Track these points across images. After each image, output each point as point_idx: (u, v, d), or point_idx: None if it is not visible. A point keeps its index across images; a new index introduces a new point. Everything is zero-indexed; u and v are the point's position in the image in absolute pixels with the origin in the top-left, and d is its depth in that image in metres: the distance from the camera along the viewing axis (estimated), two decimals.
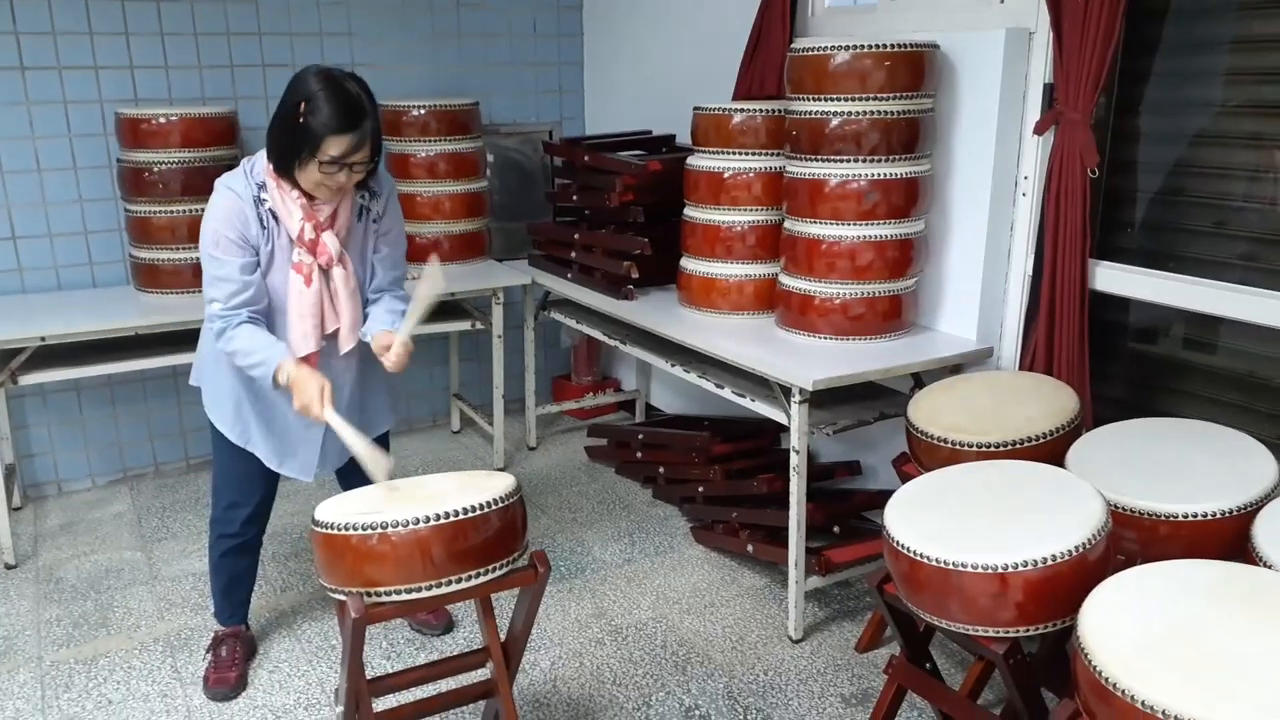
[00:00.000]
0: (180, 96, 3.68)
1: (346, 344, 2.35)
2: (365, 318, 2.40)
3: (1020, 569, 1.76)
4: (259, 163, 2.26)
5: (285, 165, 2.18)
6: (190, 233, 3.35)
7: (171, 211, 3.36)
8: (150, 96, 3.63)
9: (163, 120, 3.33)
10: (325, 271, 2.29)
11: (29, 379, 3.16)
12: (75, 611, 2.97)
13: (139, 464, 3.91)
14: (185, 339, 3.20)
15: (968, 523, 1.91)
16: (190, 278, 3.39)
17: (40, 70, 3.47)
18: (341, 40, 3.89)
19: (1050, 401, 2.37)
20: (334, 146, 2.11)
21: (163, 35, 3.62)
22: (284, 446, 2.45)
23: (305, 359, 2.28)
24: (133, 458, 3.90)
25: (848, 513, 3.10)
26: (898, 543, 1.90)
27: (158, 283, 3.44)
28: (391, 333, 2.27)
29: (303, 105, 2.11)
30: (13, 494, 3.50)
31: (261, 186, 2.23)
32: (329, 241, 2.27)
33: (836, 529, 3.04)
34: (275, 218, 2.25)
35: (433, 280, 2.14)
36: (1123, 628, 1.54)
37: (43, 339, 3.10)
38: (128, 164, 3.37)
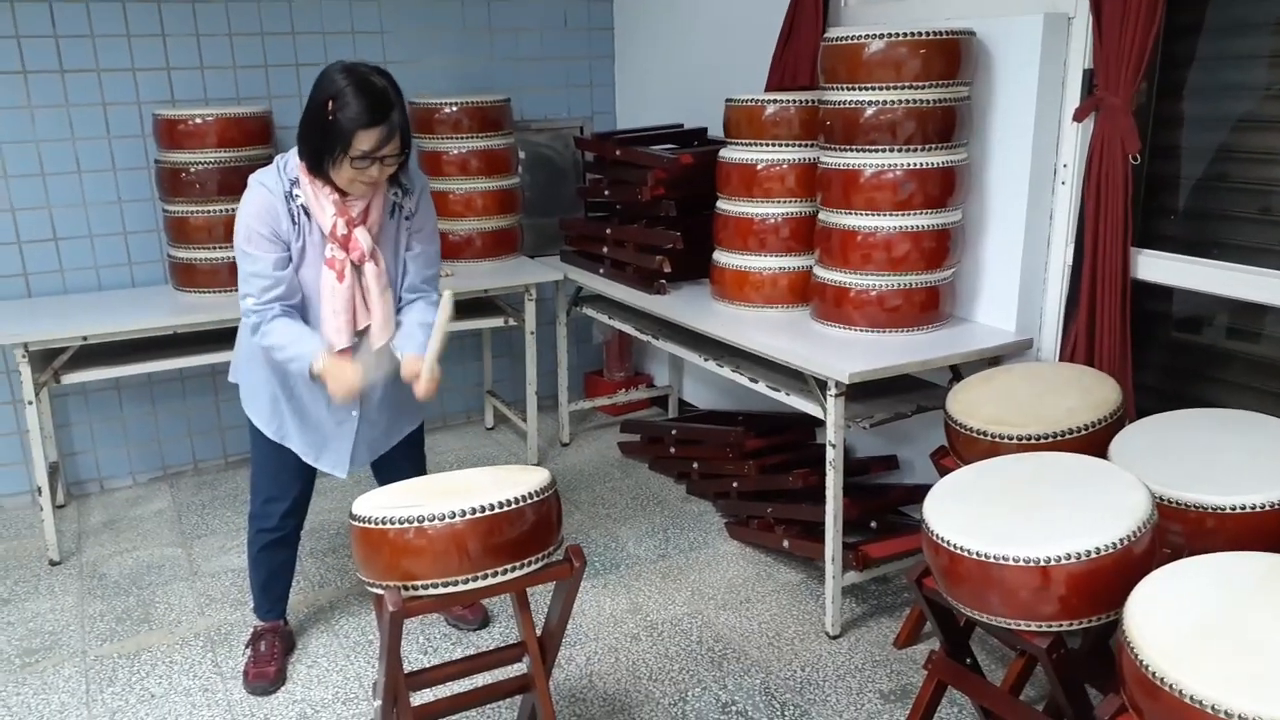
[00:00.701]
0: (216, 97, 3.72)
1: (378, 340, 2.36)
2: (398, 318, 2.41)
3: (1063, 562, 1.73)
4: (292, 159, 2.27)
5: (318, 163, 2.19)
6: (227, 232, 3.36)
7: (208, 211, 3.39)
8: (186, 97, 3.68)
9: (199, 121, 3.36)
10: (357, 268, 2.29)
11: (71, 378, 3.21)
12: (118, 607, 3.01)
13: (178, 461, 3.96)
14: (222, 337, 3.23)
15: (1008, 515, 1.88)
16: (227, 277, 3.42)
17: (79, 73, 3.52)
18: (374, 38, 3.90)
19: (1091, 393, 2.33)
20: (364, 141, 2.12)
21: (198, 36, 3.66)
22: (318, 440, 2.47)
23: (340, 354, 2.29)
24: (172, 455, 3.95)
25: (884, 507, 3.07)
26: (937, 535, 1.87)
27: (195, 282, 3.48)
28: (419, 359, 2.28)
29: (330, 103, 2.12)
30: (56, 492, 3.55)
31: (294, 183, 2.25)
32: (361, 237, 2.28)
33: (873, 524, 3.01)
34: (307, 213, 2.26)
35: (448, 309, 2.18)
36: (1170, 621, 1.51)
37: (84, 339, 3.15)
38: (165, 164, 3.41)
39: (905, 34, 2.59)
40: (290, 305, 2.28)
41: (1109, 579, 1.74)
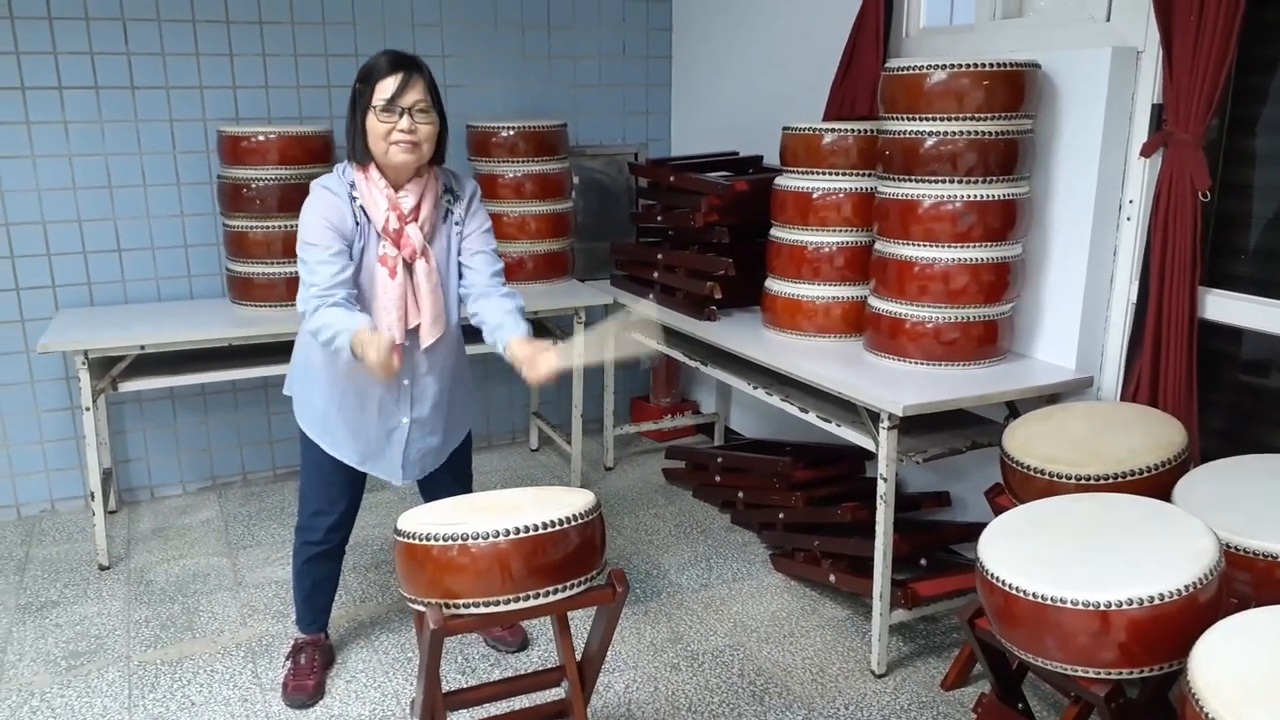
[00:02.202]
0: (279, 115, 3.79)
1: (428, 338, 2.37)
2: (474, 315, 2.41)
3: (1125, 607, 1.67)
4: (349, 165, 2.33)
5: (355, 140, 2.26)
6: (285, 248, 3.44)
7: (267, 227, 3.45)
8: (251, 115, 3.75)
9: (261, 138, 3.43)
10: (409, 265, 2.32)
11: (128, 386, 3.26)
12: (163, 614, 3.04)
13: (228, 472, 4.01)
14: (276, 350, 3.28)
15: (1068, 556, 1.82)
16: (283, 291, 3.47)
17: (149, 89, 3.61)
18: (435, 61, 3.92)
19: (1155, 434, 2.26)
20: (386, 88, 2.19)
21: (264, 56, 3.74)
22: (371, 451, 2.48)
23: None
24: (222, 466, 3.99)
25: (935, 544, 3.00)
26: (992, 575, 1.82)
27: (251, 296, 3.53)
28: (526, 341, 2.27)
29: (358, 76, 2.25)
30: (109, 498, 3.61)
31: (352, 185, 2.30)
32: (413, 234, 2.30)
33: (923, 561, 2.95)
34: (366, 215, 2.30)
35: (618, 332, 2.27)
36: (1238, 674, 1.44)
37: (142, 348, 3.21)
38: (227, 180, 3.48)
39: (968, 65, 2.56)
40: (352, 295, 2.27)
41: (1173, 627, 1.67)
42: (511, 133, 3.78)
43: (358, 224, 2.29)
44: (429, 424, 2.48)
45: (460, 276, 2.45)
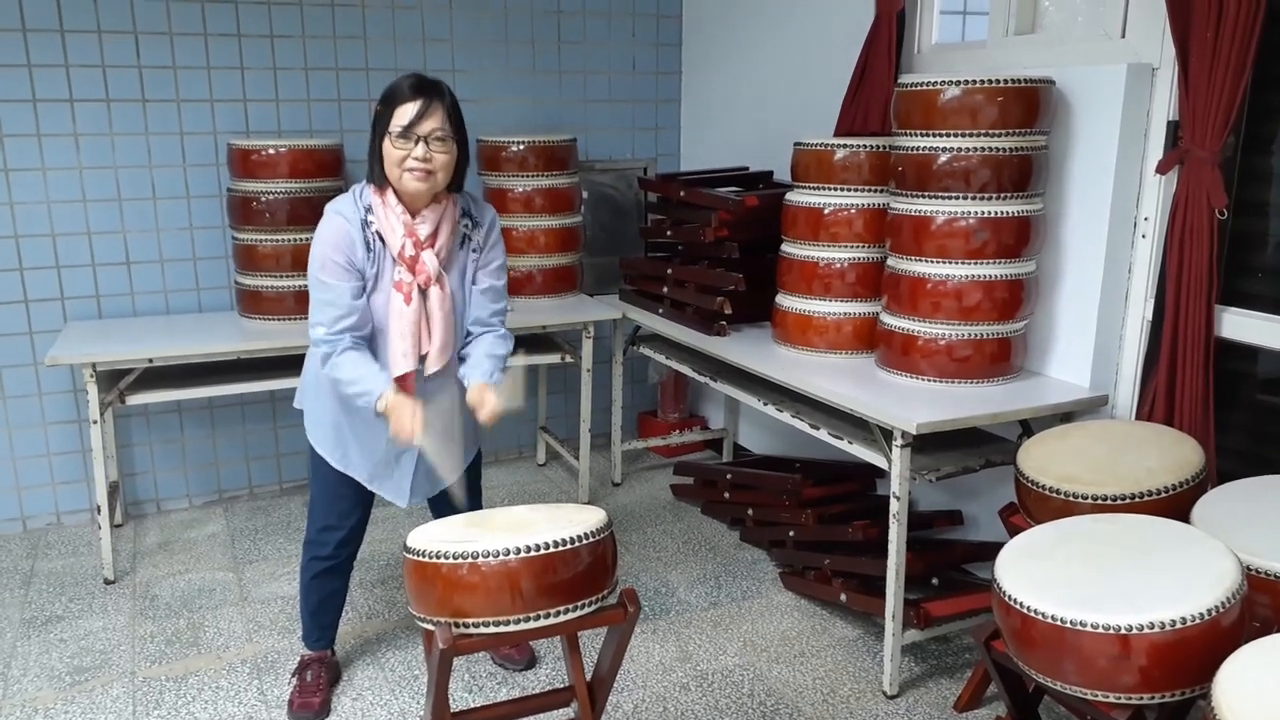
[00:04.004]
0: (289, 129, 3.79)
1: (433, 365, 2.35)
2: (461, 349, 2.40)
3: (1145, 631, 1.64)
4: (366, 187, 2.30)
5: (374, 163, 2.26)
6: (294, 261, 3.43)
7: (277, 240, 3.44)
8: (261, 129, 3.75)
9: (272, 151, 3.42)
10: (423, 291, 2.30)
11: (136, 399, 3.25)
12: (168, 629, 3.01)
13: (234, 486, 3.99)
14: (285, 364, 3.27)
15: (1087, 578, 1.79)
16: (292, 304, 3.47)
17: (160, 103, 3.61)
18: (446, 76, 3.90)
19: (1172, 454, 2.24)
20: (404, 114, 2.18)
21: (275, 70, 3.74)
22: (380, 470, 2.46)
23: (403, 378, 2.29)
24: (228, 479, 3.98)
25: (947, 564, 2.98)
26: (1010, 597, 1.79)
27: (260, 309, 3.52)
28: (485, 386, 2.31)
29: (381, 98, 2.24)
30: (115, 511, 3.59)
31: (369, 209, 2.28)
32: (428, 260, 2.29)
33: (935, 581, 2.92)
34: (381, 240, 2.28)
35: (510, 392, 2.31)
36: (1264, 702, 1.41)
37: (150, 360, 3.19)
38: (237, 193, 3.48)
39: (982, 81, 2.55)
40: (361, 336, 2.28)
41: (1195, 652, 1.64)
42: (521, 147, 3.78)
43: (370, 250, 2.27)
44: (440, 443, 2.46)
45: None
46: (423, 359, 2.34)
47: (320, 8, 3.77)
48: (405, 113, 2.18)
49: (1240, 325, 2.43)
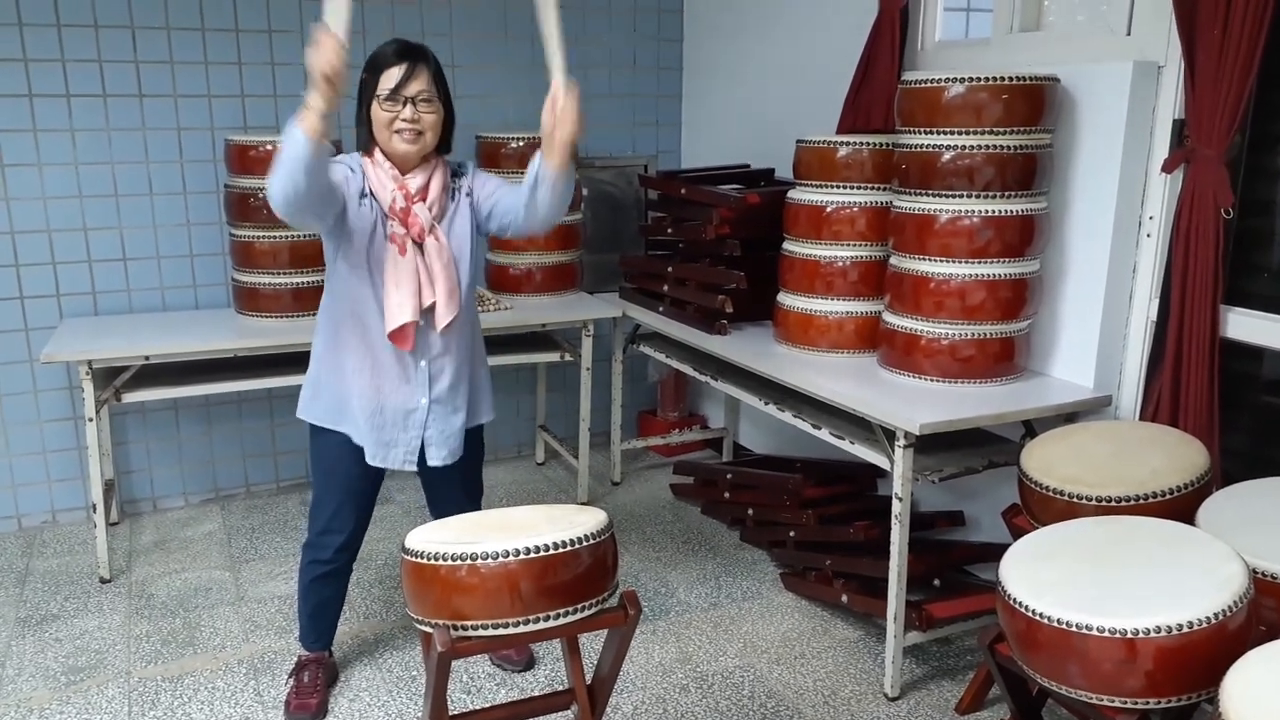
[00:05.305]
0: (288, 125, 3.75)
1: (444, 317, 2.35)
2: (461, 294, 2.39)
3: (1152, 635, 1.62)
4: (357, 153, 2.37)
5: (362, 129, 2.30)
6: (291, 258, 3.40)
7: (274, 237, 3.41)
8: (259, 124, 3.72)
9: (269, 147, 3.39)
10: (419, 244, 2.32)
11: (132, 397, 3.23)
12: (164, 629, 2.99)
13: (231, 484, 3.97)
14: (282, 361, 3.25)
15: (1092, 581, 1.77)
16: (290, 302, 3.44)
17: (157, 98, 3.58)
18: (445, 72, 3.93)
19: (1177, 455, 2.22)
20: (389, 78, 2.22)
21: (273, 65, 3.72)
22: (384, 438, 2.42)
23: (402, 329, 2.31)
24: (225, 478, 3.95)
25: (949, 565, 2.96)
26: (1014, 599, 1.77)
27: (257, 306, 3.49)
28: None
29: (365, 65, 2.28)
30: (111, 509, 3.57)
31: (361, 170, 2.33)
32: (420, 212, 2.32)
33: (937, 582, 2.90)
34: (374, 196, 2.31)
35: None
36: (1274, 706, 1.39)
37: (146, 358, 3.17)
38: (234, 189, 3.45)
39: (987, 79, 2.53)
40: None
41: (1201, 656, 1.62)
42: (522, 144, 3.75)
43: (364, 197, 2.30)
44: (449, 402, 2.45)
45: (491, 222, 2.44)
46: (430, 310, 2.34)
47: (318, 2, 3.73)
48: (391, 76, 2.23)
49: (1246, 325, 2.41)
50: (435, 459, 2.46)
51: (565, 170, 2.30)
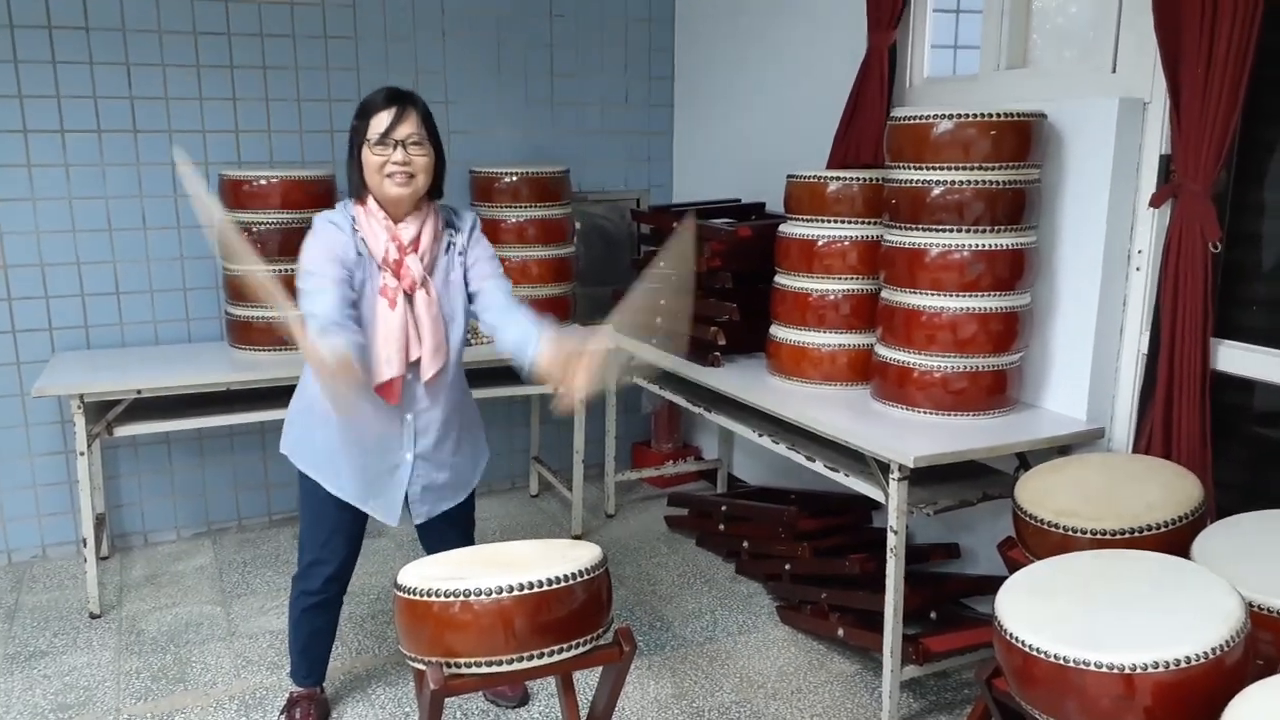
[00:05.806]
0: (281, 160, 3.78)
1: (429, 370, 2.34)
2: (448, 347, 2.37)
3: (1150, 670, 1.62)
4: (349, 200, 2.36)
5: (353, 175, 2.30)
6: (285, 292, 3.40)
7: (268, 271, 3.41)
8: (253, 159, 3.74)
9: (263, 182, 3.41)
10: (409, 296, 2.30)
11: (124, 430, 3.22)
12: (154, 665, 2.96)
13: (223, 518, 3.94)
14: (274, 395, 3.24)
15: (1089, 616, 1.77)
16: (282, 335, 3.44)
17: (152, 133, 3.60)
18: (438, 108, 3.89)
19: (1171, 488, 2.22)
20: (379, 123, 2.23)
21: (267, 101, 3.74)
22: (371, 490, 2.42)
23: (389, 383, 2.29)
24: (217, 511, 3.93)
25: (945, 598, 2.95)
26: (1011, 635, 1.77)
27: (250, 340, 3.49)
28: (562, 343, 2.15)
29: (355, 113, 2.29)
30: (101, 543, 3.54)
31: (354, 219, 2.31)
32: (412, 264, 2.30)
33: (933, 615, 2.89)
34: (367, 246, 2.30)
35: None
36: None
37: (139, 392, 3.16)
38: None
39: (975, 115, 2.56)
40: (353, 322, 2.21)
41: (1199, 691, 1.62)
42: (514, 178, 3.77)
43: (360, 255, 2.29)
44: (435, 459, 2.44)
45: (471, 302, 2.42)
46: (415, 365, 2.33)
47: (313, 39, 3.78)
48: (381, 120, 2.24)
49: (1236, 358, 2.43)
50: (419, 516, 2.47)
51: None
